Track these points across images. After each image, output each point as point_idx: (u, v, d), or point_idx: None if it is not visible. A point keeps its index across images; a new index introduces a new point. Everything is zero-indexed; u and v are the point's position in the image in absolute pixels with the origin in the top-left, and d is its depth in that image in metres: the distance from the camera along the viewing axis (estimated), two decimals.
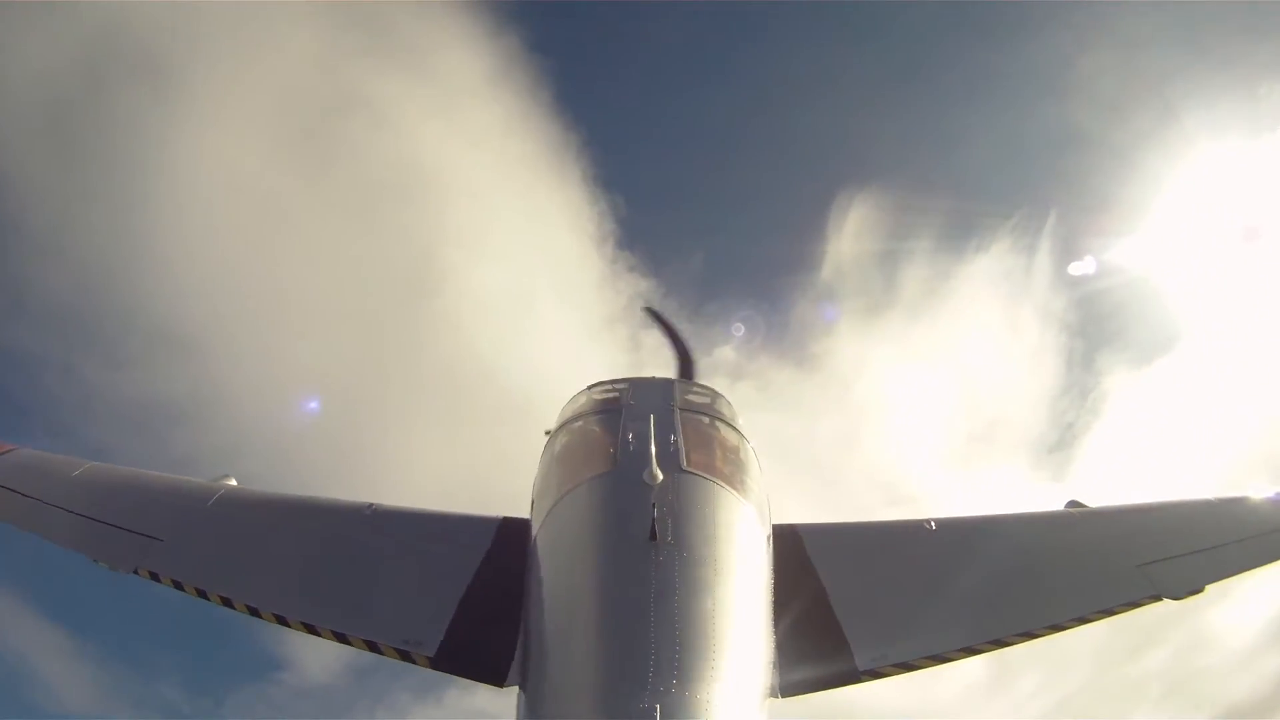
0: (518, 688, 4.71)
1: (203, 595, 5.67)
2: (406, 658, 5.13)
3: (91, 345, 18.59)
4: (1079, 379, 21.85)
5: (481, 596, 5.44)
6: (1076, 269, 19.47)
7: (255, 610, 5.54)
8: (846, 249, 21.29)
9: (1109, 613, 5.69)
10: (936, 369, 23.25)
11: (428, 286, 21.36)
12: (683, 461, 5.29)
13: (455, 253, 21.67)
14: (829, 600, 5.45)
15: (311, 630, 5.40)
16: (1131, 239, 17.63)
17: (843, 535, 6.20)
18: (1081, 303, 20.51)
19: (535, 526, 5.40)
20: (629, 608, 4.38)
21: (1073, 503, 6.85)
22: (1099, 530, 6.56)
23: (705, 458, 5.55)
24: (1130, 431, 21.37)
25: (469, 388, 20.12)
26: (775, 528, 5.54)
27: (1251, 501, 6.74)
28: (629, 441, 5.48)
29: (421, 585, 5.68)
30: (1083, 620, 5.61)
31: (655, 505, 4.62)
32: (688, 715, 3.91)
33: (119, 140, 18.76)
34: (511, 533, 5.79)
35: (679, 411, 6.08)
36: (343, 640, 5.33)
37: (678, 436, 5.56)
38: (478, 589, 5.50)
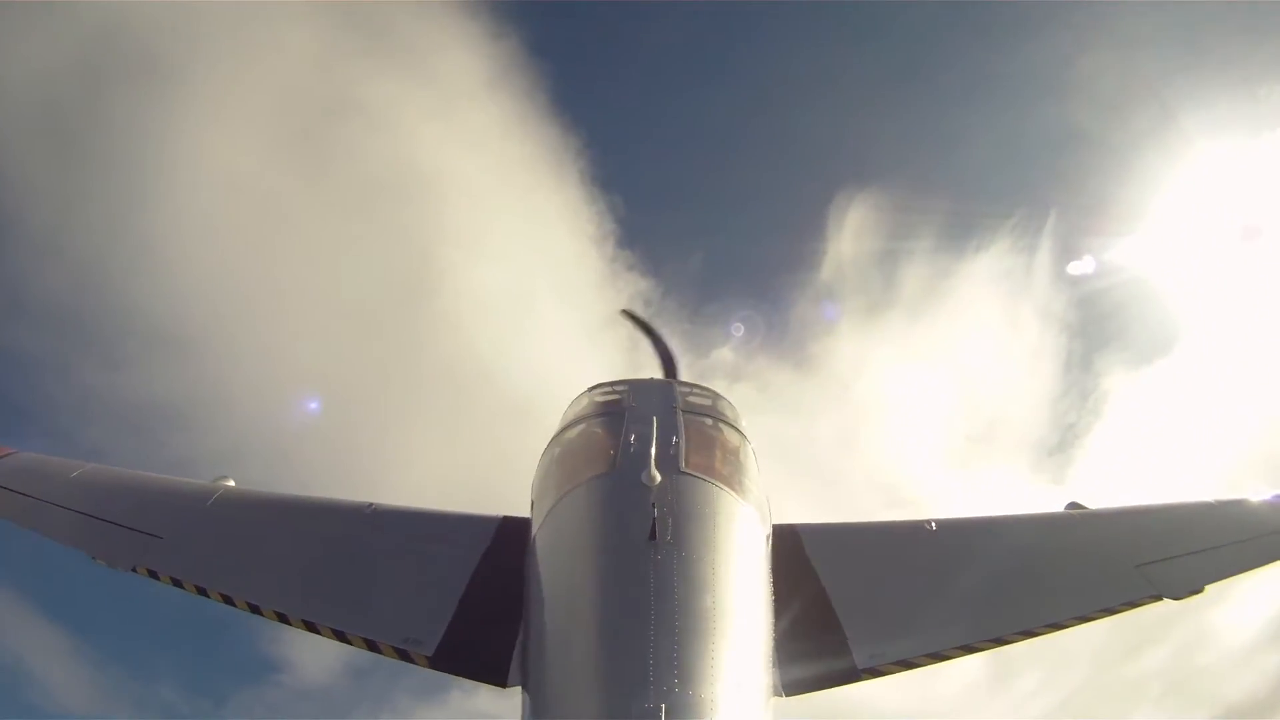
0: (520, 688, 4.71)
1: (202, 593, 5.68)
2: (405, 657, 5.15)
3: (89, 346, 18.57)
4: (1079, 379, 21.90)
5: (481, 596, 5.45)
6: (1075, 269, 19.50)
7: (256, 608, 5.55)
8: (846, 249, 21.32)
9: (1109, 612, 5.70)
10: (936, 369, 23.28)
11: (427, 287, 21.39)
12: (682, 463, 5.29)
13: (454, 253, 21.70)
14: (829, 599, 5.47)
15: (311, 628, 5.42)
16: (1131, 239, 17.65)
17: (842, 535, 6.21)
18: (1081, 303, 20.55)
19: (535, 526, 5.40)
20: (629, 608, 4.38)
21: (1073, 504, 6.86)
22: (1099, 531, 6.58)
23: (705, 459, 5.55)
24: (1130, 432, 21.41)
25: (468, 388, 20.14)
26: (774, 528, 5.55)
27: (1251, 503, 6.75)
28: (630, 443, 5.48)
29: (421, 585, 5.69)
30: (1083, 619, 5.63)
31: (655, 506, 4.63)
32: (692, 714, 3.91)
33: (117, 140, 18.79)
34: (511, 532, 5.80)
35: (681, 413, 6.08)
36: (342, 639, 5.34)
37: (680, 438, 5.56)
38: (477, 588, 5.51)
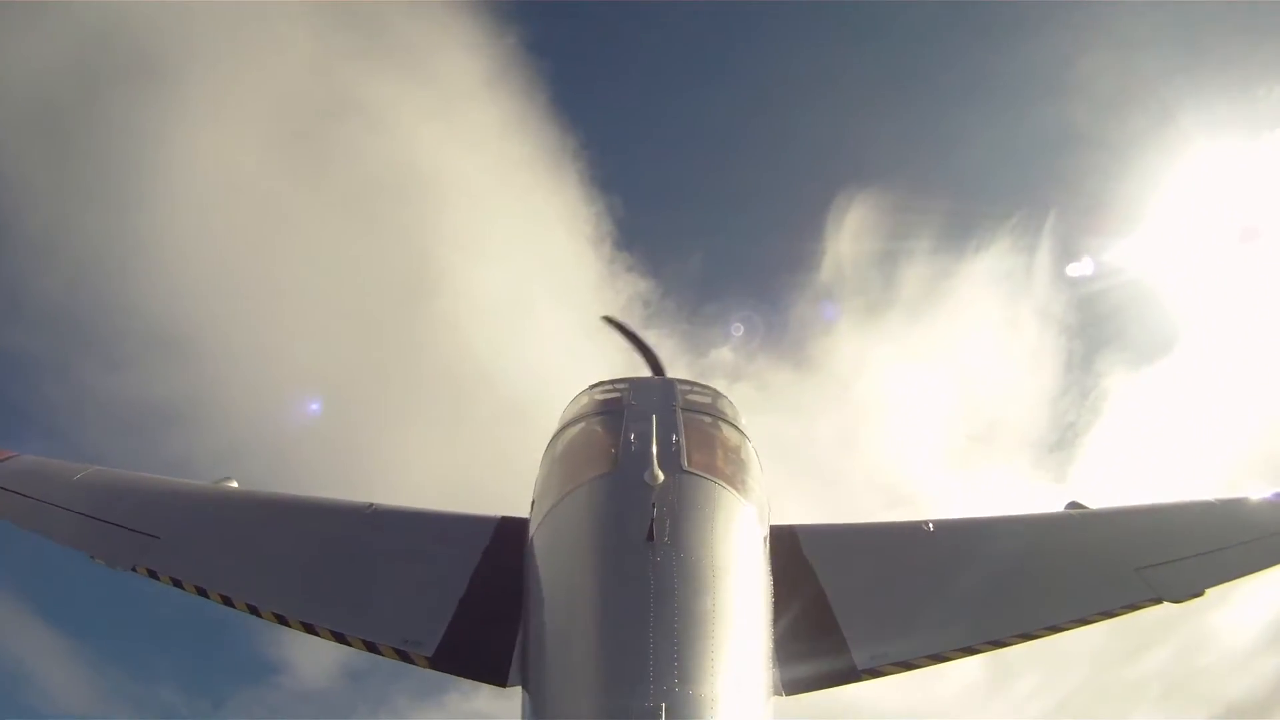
0: (520, 688, 4.71)
1: (202, 593, 5.66)
2: (405, 658, 5.13)
3: (87, 347, 18.60)
4: (1078, 379, 21.94)
5: (480, 596, 5.44)
6: (1074, 270, 19.53)
7: (255, 609, 5.53)
8: (845, 249, 21.36)
9: (1108, 615, 5.69)
10: (936, 369, 23.32)
11: (425, 288, 21.41)
12: (684, 462, 5.29)
13: (453, 254, 21.72)
14: (827, 600, 5.47)
15: (310, 630, 5.40)
16: (1131, 239, 17.70)
17: (840, 536, 6.20)
18: (1081, 303, 20.60)
19: (534, 526, 5.39)
20: (628, 608, 4.39)
21: (1073, 504, 6.85)
22: (1098, 532, 6.56)
23: (707, 458, 5.55)
24: (1130, 431, 21.45)
25: (467, 389, 20.16)
26: (773, 528, 5.54)
27: (1252, 503, 6.72)
28: (630, 442, 5.47)
29: (421, 585, 5.69)
30: (1082, 622, 5.61)
31: (655, 506, 4.63)
32: (692, 713, 3.92)
33: (115, 141, 18.79)
34: (510, 532, 5.80)
35: (681, 411, 6.07)
36: (341, 640, 5.33)
37: (680, 436, 5.55)
38: (477, 589, 5.50)
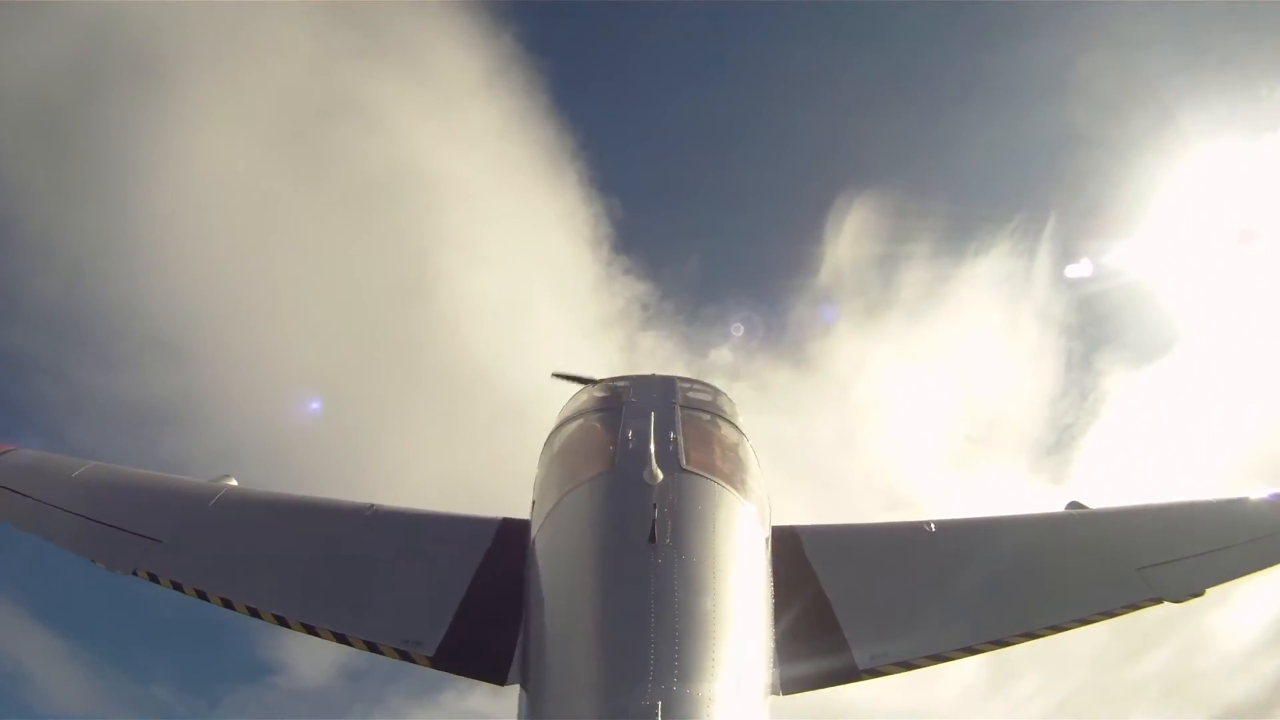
0: (519, 687, 4.71)
1: (202, 596, 5.65)
2: (406, 658, 5.13)
3: (83, 347, 18.58)
4: (1078, 380, 21.92)
5: (482, 596, 5.44)
6: (1073, 271, 19.53)
7: (255, 611, 5.52)
8: (845, 252, 21.34)
9: (1109, 615, 5.69)
10: (935, 371, 23.31)
11: (423, 288, 21.39)
12: (683, 460, 5.28)
13: (451, 255, 21.70)
14: (828, 601, 5.46)
15: (311, 631, 5.39)
16: (1132, 241, 17.67)
17: (842, 537, 6.19)
18: (1081, 304, 20.57)
19: (535, 527, 5.39)
20: (628, 608, 4.39)
21: (1073, 504, 6.85)
22: (1099, 532, 6.55)
23: (705, 456, 5.55)
24: (1129, 432, 21.44)
25: (465, 390, 20.14)
26: (774, 529, 5.54)
27: (1252, 502, 6.70)
28: (629, 440, 5.48)
29: (422, 586, 5.68)
30: (1083, 622, 5.61)
31: (655, 506, 4.63)
32: (690, 712, 3.93)
33: (112, 141, 18.72)
34: (511, 533, 5.80)
35: (679, 409, 6.07)
36: (343, 641, 5.32)
37: (678, 434, 5.55)
38: (478, 589, 5.50)
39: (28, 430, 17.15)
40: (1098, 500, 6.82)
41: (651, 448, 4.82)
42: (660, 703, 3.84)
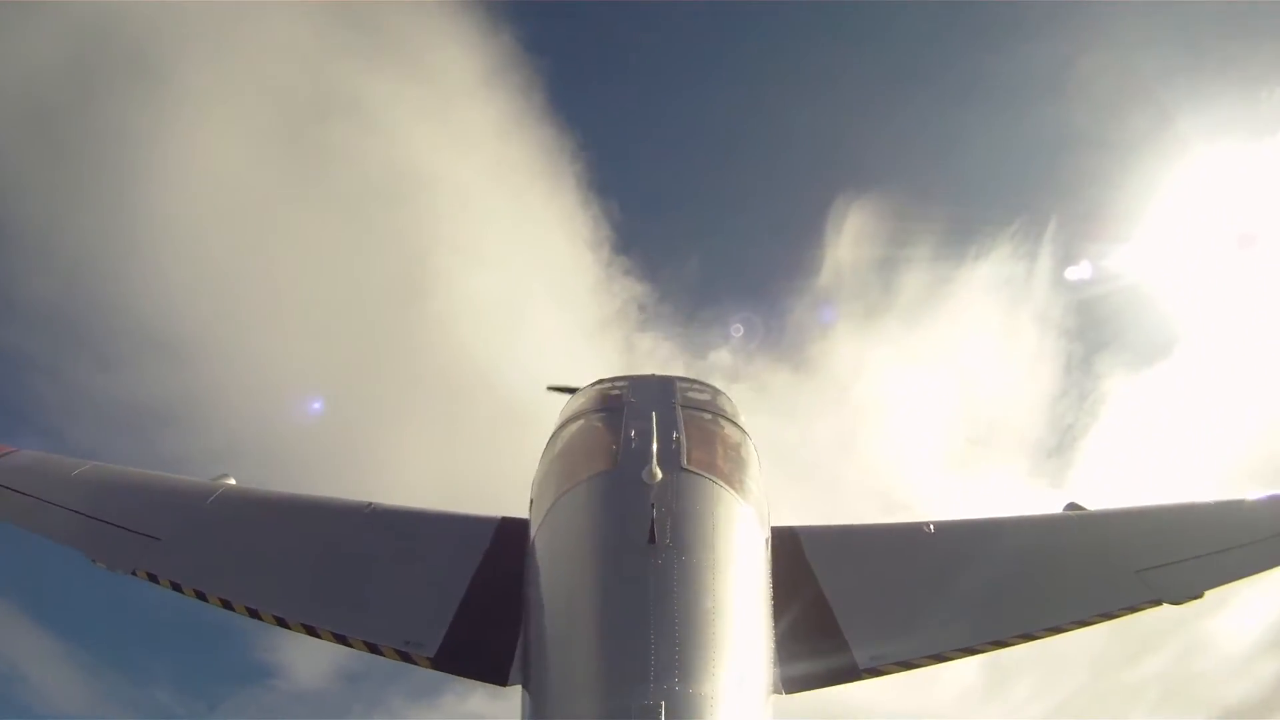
0: (520, 687, 4.71)
1: (201, 597, 5.65)
2: (407, 659, 5.14)
3: (80, 346, 18.52)
4: (1077, 382, 21.92)
5: (481, 596, 5.45)
6: (1072, 273, 19.54)
7: (255, 612, 5.53)
8: (844, 255, 21.32)
9: (1108, 616, 5.69)
10: (935, 373, 23.28)
11: (421, 289, 21.34)
12: (683, 460, 5.27)
13: (449, 256, 21.65)
14: (828, 602, 5.47)
15: (312, 632, 5.40)
16: (1133, 244, 17.66)
17: (841, 537, 6.20)
18: (1081, 307, 20.55)
19: (535, 526, 5.39)
20: (628, 608, 4.40)
21: (1072, 505, 6.85)
22: (1098, 534, 6.55)
23: (706, 456, 5.54)
24: (1128, 435, 21.44)
25: (463, 392, 20.08)
26: (774, 529, 5.54)
27: (1251, 503, 6.69)
28: (630, 439, 5.47)
29: (421, 585, 5.69)
30: (1082, 623, 5.61)
31: (654, 505, 4.62)
32: (692, 711, 3.93)
33: (109, 140, 18.68)
34: (511, 533, 5.80)
35: (680, 409, 6.07)
36: (343, 642, 5.32)
37: (680, 434, 5.54)
38: (478, 589, 5.50)
39: (25, 430, 17.09)
40: (1097, 502, 6.83)
41: (653, 447, 4.81)
42: (664, 703, 3.84)
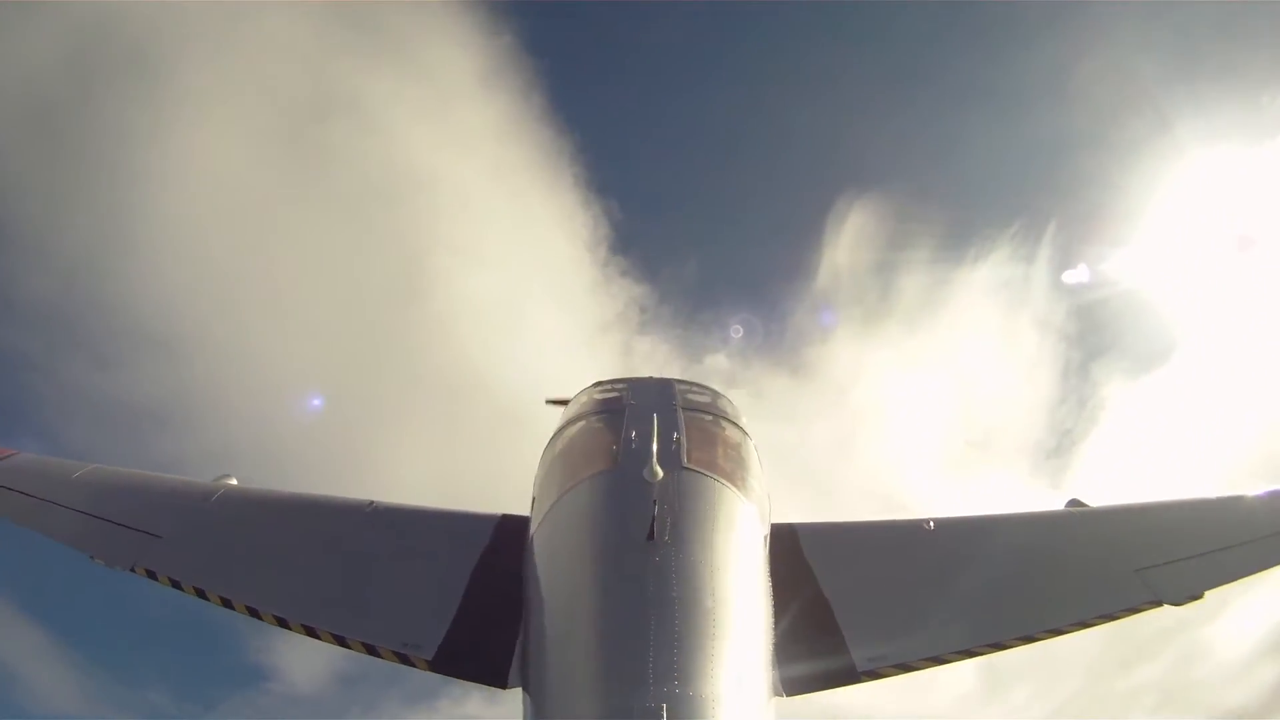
0: (521, 689, 4.69)
1: (201, 595, 5.64)
2: (406, 661, 5.12)
3: (77, 346, 18.50)
4: (1076, 387, 21.93)
5: (480, 597, 5.43)
6: (1070, 276, 19.54)
7: (255, 611, 5.52)
8: (843, 257, 21.31)
9: (1109, 617, 5.66)
10: (934, 376, 23.27)
11: (420, 290, 21.32)
12: (684, 459, 5.27)
13: (448, 256, 21.63)
14: (826, 600, 5.46)
15: (311, 633, 5.38)
16: (1131, 248, 17.67)
17: (840, 534, 6.19)
18: (1080, 311, 20.57)
19: (534, 524, 5.38)
20: (628, 606, 4.39)
21: (1074, 501, 6.82)
22: (1099, 532, 6.51)
23: (707, 455, 5.53)
24: (1127, 439, 21.45)
25: (461, 392, 20.07)
26: (773, 526, 5.53)
27: (1251, 500, 6.64)
28: (631, 439, 5.46)
29: (420, 587, 5.67)
30: (1082, 625, 5.59)
31: (655, 503, 4.61)
32: (693, 712, 3.91)
33: (107, 138, 18.70)
34: (510, 530, 5.79)
35: (681, 410, 6.06)
36: (342, 644, 5.30)
37: (680, 434, 5.54)
38: (476, 589, 5.49)
39: (21, 429, 17.08)
40: (1098, 502, 6.77)
41: (654, 446, 4.80)
42: (665, 705, 3.82)
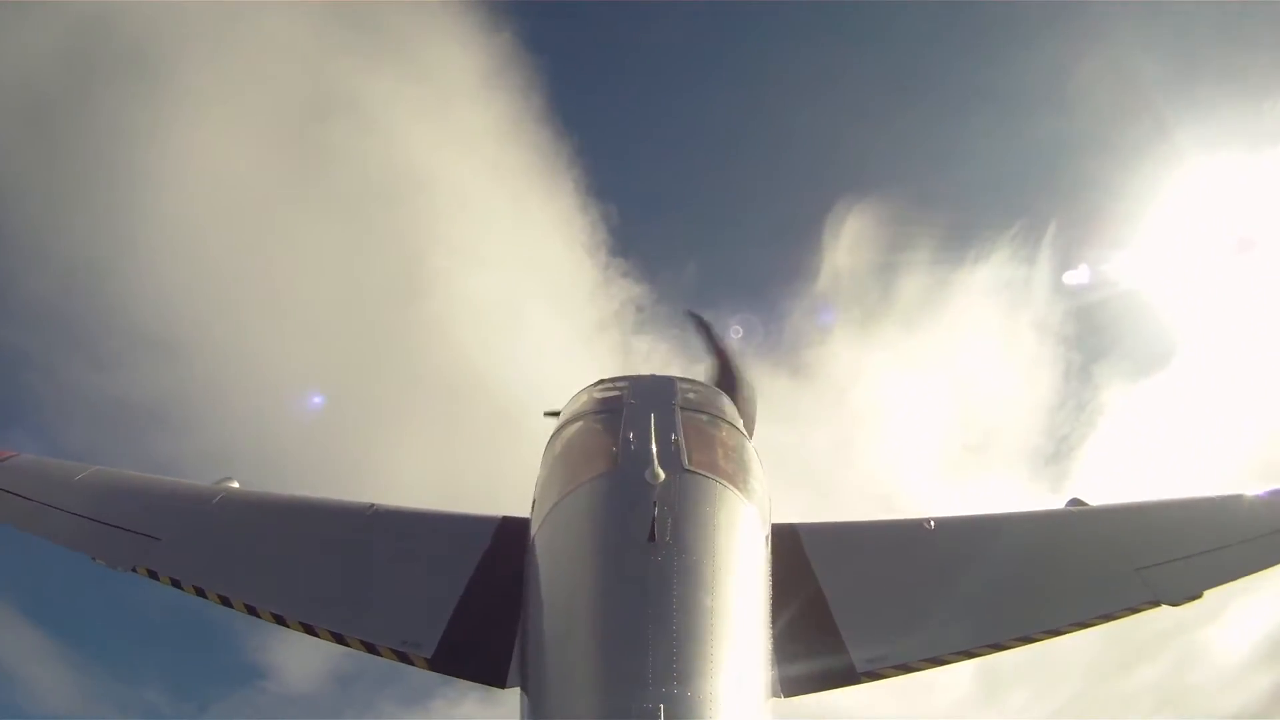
0: (519, 689, 4.71)
1: (200, 594, 5.65)
2: (405, 659, 5.13)
3: (75, 345, 18.51)
4: (1076, 390, 21.96)
5: (480, 597, 5.44)
6: (1070, 278, 19.54)
7: (253, 609, 5.52)
8: (843, 259, 21.28)
9: (1108, 617, 5.65)
10: (933, 379, 23.28)
11: (419, 290, 21.29)
12: (685, 460, 5.26)
13: (446, 258, 21.63)
14: (826, 601, 5.46)
15: (309, 631, 5.39)
16: (1132, 251, 17.64)
17: (841, 534, 6.17)
18: (1080, 314, 20.61)
19: (535, 526, 5.38)
20: (627, 608, 4.39)
21: (1074, 500, 6.81)
22: (1099, 530, 6.50)
23: (707, 456, 5.51)
24: (1126, 442, 21.49)
25: (459, 394, 20.06)
26: (774, 526, 5.52)
27: (1251, 499, 6.62)
28: (630, 440, 5.45)
29: (420, 586, 5.68)
30: (1082, 625, 5.58)
31: (656, 505, 4.62)
32: (691, 713, 3.91)
33: (104, 137, 18.70)
34: (511, 532, 5.79)
35: (680, 410, 6.04)
36: (340, 641, 5.31)
37: (679, 435, 5.53)
38: (476, 589, 5.50)
39: (18, 429, 17.12)
40: (1098, 502, 6.76)
41: (653, 447, 4.80)
42: (662, 706, 3.83)
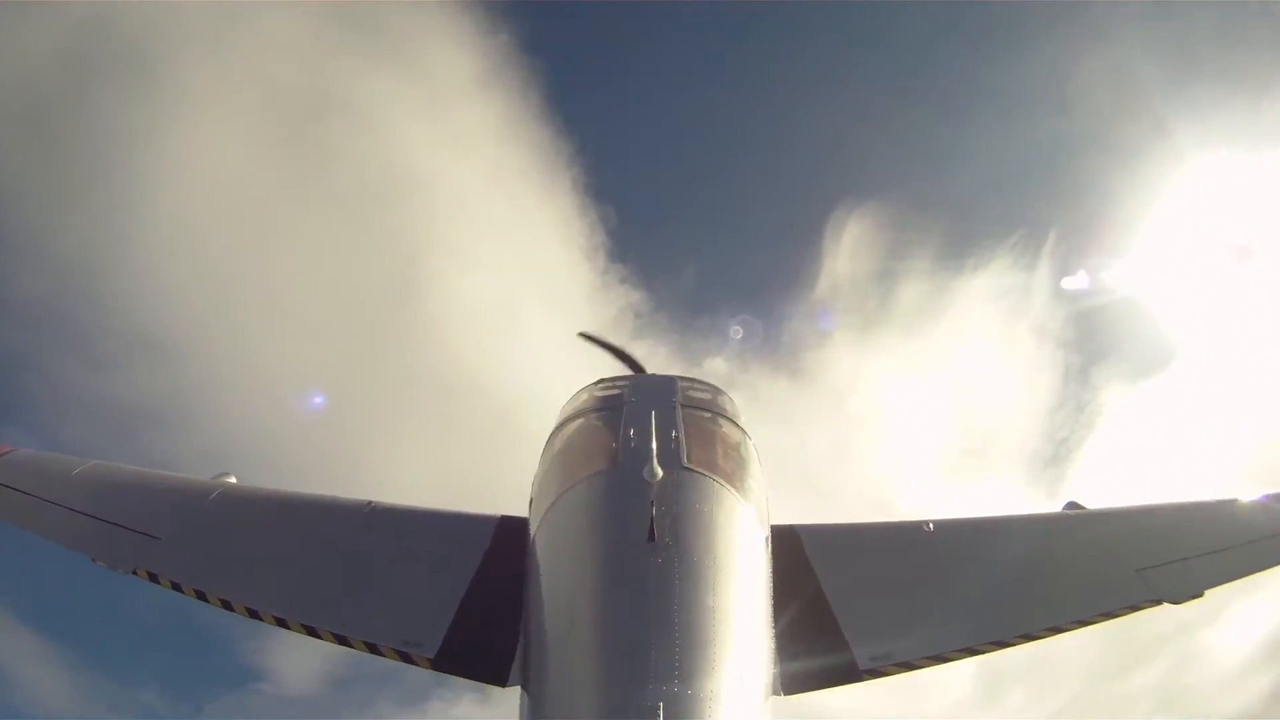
0: (520, 688, 4.69)
1: (201, 597, 5.63)
2: (407, 659, 5.12)
3: (71, 345, 18.38)
4: (1075, 394, 21.96)
5: (481, 596, 5.44)
6: (1070, 283, 19.57)
7: (255, 612, 5.51)
8: (843, 265, 21.30)
9: (1109, 615, 5.69)
10: (931, 383, 23.30)
11: (416, 291, 21.26)
12: (684, 458, 5.28)
13: (443, 259, 21.58)
14: (827, 600, 5.47)
15: (312, 633, 5.38)
16: (1131, 256, 17.63)
17: (841, 536, 6.19)
18: (1079, 318, 20.61)
19: (534, 525, 5.39)
20: (628, 607, 4.40)
21: (1071, 504, 6.87)
22: (1098, 533, 6.56)
23: (707, 455, 5.54)
24: (1125, 446, 21.47)
25: (455, 395, 20.01)
26: (774, 528, 5.53)
27: (1249, 504, 6.72)
28: (630, 438, 5.46)
29: (421, 586, 5.68)
30: (1082, 623, 5.61)
31: (654, 503, 4.62)
32: (691, 711, 3.91)
33: (102, 137, 18.60)
34: (511, 531, 5.80)
35: (680, 408, 6.06)
36: (343, 642, 5.30)
37: (679, 433, 5.55)
38: (478, 589, 5.49)
39: (15, 429, 16.96)
40: (1096, 505, 6.82)
41: (653, 445, 4.79)
42: (662, 704, 3.82)
